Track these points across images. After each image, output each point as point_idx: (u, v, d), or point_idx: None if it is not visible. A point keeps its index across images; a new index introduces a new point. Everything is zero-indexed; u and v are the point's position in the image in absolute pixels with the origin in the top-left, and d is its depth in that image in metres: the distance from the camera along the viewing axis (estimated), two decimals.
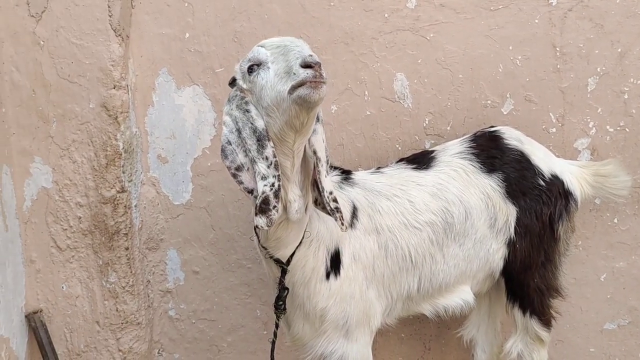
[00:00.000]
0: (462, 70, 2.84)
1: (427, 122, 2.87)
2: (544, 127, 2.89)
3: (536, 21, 2.80)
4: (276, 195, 1.94)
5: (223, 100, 2.82)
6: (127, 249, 2.80)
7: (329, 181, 2.05)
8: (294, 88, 1.81)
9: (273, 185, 1.93)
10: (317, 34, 2.80)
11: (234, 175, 2.01)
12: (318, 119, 2.04)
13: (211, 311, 3.01)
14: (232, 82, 2.09)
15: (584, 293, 3.07)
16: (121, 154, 2.72)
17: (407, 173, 2.42)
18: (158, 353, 3.04)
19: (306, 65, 1.79)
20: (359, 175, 2.37)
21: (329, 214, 2.05)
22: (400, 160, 2.54)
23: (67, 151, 2.74)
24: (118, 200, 2.75)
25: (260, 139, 1.94)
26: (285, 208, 2.02)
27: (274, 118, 1.92)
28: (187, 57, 2.83)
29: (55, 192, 2.78)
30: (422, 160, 2.49)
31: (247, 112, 1.98)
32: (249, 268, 2.95)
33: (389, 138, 2.88)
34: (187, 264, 2.97)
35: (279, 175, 1.94)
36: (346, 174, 2.35)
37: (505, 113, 2.87)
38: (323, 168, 2.02)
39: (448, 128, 2.87)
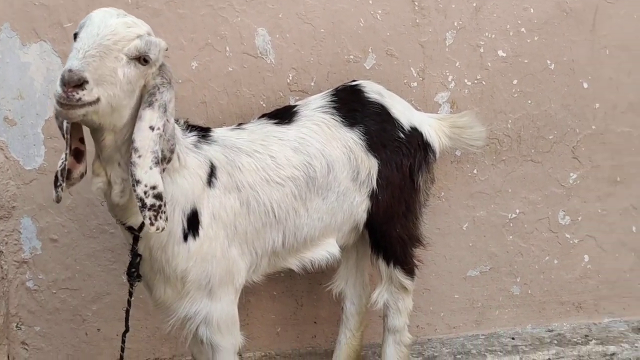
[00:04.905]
0: (324, 25, 2.81)
1: (290, 78, 2.84)
2: (405, 81, 2.94)
3: None
4: (62, 173, 1.94)
5: None
6: None
7: (155, 174, 1.88)
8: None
9: (63, 162, 1.94)
10: None
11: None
12: (151, 104, 1.91)
13: (73, 280, 2.87)
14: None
15: (447, 242, 3.18)
16: None
17: (269, 128, 2.38)
18: (17, 327, 2.87)
19: (64, 82, 1.71)
20: (218, 133, 2.30)
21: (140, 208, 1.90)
22: (263, 115, 2.50)
23: None
24: None
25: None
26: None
27: None
28: (32, 11, 2.62)
29: None
30: (284, 115, 2.45)
31: None
32: (111, 233, 2.83)
33: (253, 95, 2.82)
34: (44, 232, 2.81)
35: (67, 153, 1.93)
36: (204, 132, 2.27)
37: (368, 68, 2.89)
38: (142, 159, 1.87)
39: (312, 84, 2.85)
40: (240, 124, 2.44)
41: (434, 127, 2.66)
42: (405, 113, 2.58)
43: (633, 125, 3.18)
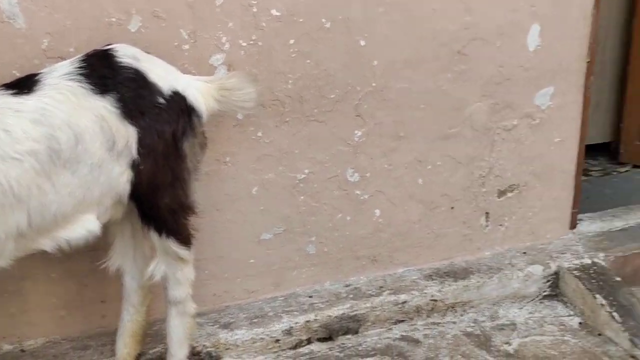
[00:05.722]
0: None
1: (46, 44, 2.62)
2: (176, 44, 2.81)
3: None
4: None
5: None
6: None
7: None
8: None
9: None
10: None
11: None
12: None
13: None
14: None
15: (238, 208, 3.13)
16: None
17: (4, 100, 2.18)
18: None
19: None
20: None
21: None
22: (1, 86, 2.29)
23: None
24: None
25: None
26: None
27: None
28: None
29: None
30: (24, 84, 2.26)
31: None
32: None
33: (4, 64, 2.58)
34: None
35: None
36: None
37: (133, 31, 2.73)
38: None
39: (71, 50, 2.65)
40: None
41: (201, 91, 2.56)
42: (166, 77, 2.46)
43: (410, 81, 3.26)
